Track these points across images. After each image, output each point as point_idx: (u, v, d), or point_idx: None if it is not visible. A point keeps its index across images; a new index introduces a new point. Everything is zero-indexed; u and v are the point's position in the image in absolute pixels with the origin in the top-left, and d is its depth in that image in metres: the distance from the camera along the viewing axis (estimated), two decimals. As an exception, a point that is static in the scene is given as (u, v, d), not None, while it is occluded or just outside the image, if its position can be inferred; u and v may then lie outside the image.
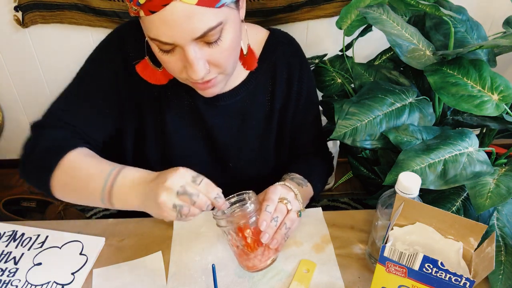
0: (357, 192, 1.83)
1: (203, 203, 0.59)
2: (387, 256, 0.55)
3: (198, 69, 0.60)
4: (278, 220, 0.66)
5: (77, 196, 0.68)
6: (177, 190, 0.58)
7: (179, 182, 0.58)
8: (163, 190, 0.58)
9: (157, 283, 0.69)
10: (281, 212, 0.67)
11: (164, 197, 0.57)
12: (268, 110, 0.83)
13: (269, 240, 0.65)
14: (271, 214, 0.65)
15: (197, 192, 0.59)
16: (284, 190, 0.71)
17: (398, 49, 0.86)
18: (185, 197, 0.58)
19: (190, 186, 0.59)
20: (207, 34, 0.58)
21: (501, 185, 0.72)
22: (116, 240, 0.77)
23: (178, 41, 0.58)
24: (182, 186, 0.58)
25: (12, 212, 1.60)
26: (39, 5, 1.39)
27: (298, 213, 0.70)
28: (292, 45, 0.84)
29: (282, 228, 0.66)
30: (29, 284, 0.69)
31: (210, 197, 0.60)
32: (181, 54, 0.60)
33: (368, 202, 1.07)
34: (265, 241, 0.64)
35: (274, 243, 0.65)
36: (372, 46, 1.36)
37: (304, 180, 0.81)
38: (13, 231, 0.78)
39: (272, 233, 0.65)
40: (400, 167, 0.75)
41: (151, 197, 0.59)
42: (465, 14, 0.94)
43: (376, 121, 0.83)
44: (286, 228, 0.67)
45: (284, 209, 0.68)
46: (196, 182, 0.60)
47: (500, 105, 0.76)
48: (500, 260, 0.70)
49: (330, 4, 1.40)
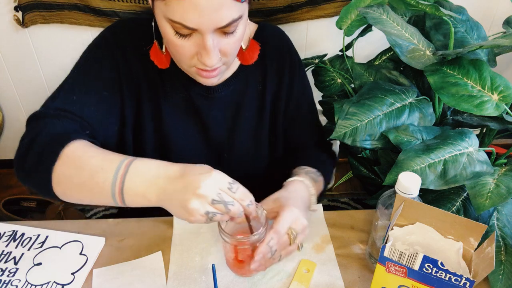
0: (357, 192, 1.83)
1: (237, 211, 0.57)
2: (387, 256, 0.55)
3: (214, 56, 0.63)
4: (275, 253, 0.64)
5: (83, 192, 0.61)
6: (213, 198, 0.55)
7: (215, 189, 0.55)
8: (196, 197, 0.54)
9: (157, 283, 0.69)
10: (282, 246, 0.65)
11: (197, 205, 0.54)
12: (260, 101, 0.84)
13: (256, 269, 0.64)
14: (271, 248, 0.63)
15: (233, 201, 0.56)
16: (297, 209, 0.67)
17: (398, 49, 0.86)
18: (220, 206, 0.55)
19: (226, 195, 0.56)
20: (229, 25, 0.61)
21: (501, 185, 0.72)
22: (116, 240, 0.77)
23: (202, 28, 0.59)
24: (219, 195, 0.55)
25: (12, 212, 1.60)
26: (39, 5, 1.39)
27: (299, 246, 0.67)
28: (282, 37, 0.85)
29: (275, 258, 0.65)
30: (29, 284, 0.69)
31: (244, 205, 0.58)
32: (197, 40, 0.62)
33: (368, 202, 1.07)
34: (253, 268, 0.63)
35: (261, 268, 0.65)
36: (372, 46, 1.36)
37: (317, 174, 0.80)
38: (13, 231, 0.78)
39: (263, 263, 0.64)
40: (400, 167, 0.75)
41: (177, 200, 0.56)
42: (465, 14, 0.94)
43: (376, 121, 0.83)
44: (280, 258, 0.66)
45: (286, 243, 0.65)
46: (232, 189, 0.57)
47: (500, 105, 0.76)
48: (500, 260, 0.70)
49: (330, 4, 1.40)
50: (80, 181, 0.60)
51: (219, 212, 0.56)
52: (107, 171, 0.58)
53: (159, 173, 0.58)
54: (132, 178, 0.58)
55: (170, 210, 0.58)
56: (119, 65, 0.74)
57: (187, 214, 0.55)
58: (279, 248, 0.64)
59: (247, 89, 0.82)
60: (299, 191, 0.71)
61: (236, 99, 0.82)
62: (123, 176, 0.58)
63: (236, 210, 0.57)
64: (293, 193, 0.71)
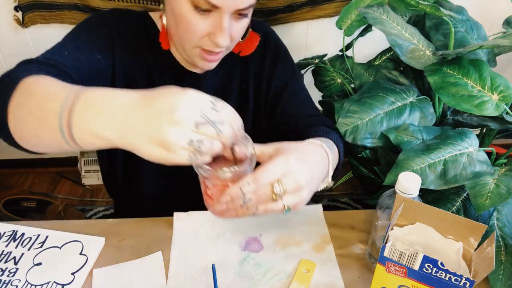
0: (357, 192, 1.84)
1: (230, 134, 0.46)
2: (387, 256, 0.55)
3: (227, 37, 0.65)
4: (249, 203, 0.50)
5: (31, 124, 0.50)
6: (196, 120, 0.43)
7: (195, 110, 0.43)
8: (173, 124, 0.42)
9: (157, 283, 0.69)
10: (261, 198, 0.50)
11: (176, 135, 0.42)
12: (244, 84, 0.85)
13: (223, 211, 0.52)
14: (245, 195, 0.49)
15: (222, 120, 0.45)
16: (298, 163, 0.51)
17: (398, 49, 0.86)
18: (208, 128, 0.44)
19: (211, 113, 0.44)
20: (247, 9, 0.64)
21: (501, 185, 0.72)
22: (116, 240, 0.77)
23: (225, 6, 0.61)
24: (202, 114, 0.43)
25: (12, 212, 1.60)
26: (39, 5, 1.39)
27: (285, 207, 0.52)
28: (264, 26, 0.88)
29: (249, 210, 0.51)
30: (29, 284, 0.69)
31: (235, 128, 0.47)
32: (213, 20, 0.64)
33: (368, 202, 1.07)
34: (217, 210, 0.52)
35: (230, 214, 0.52)
36: (372, 46, 1.36)
37: (331, 143, 0.66)
38: (13, 231, 0.78)
39: (232, 208, 0.51)
40: (400, 167, 0.75)
41: (146, 134, 0.43)
42: (465, 14, 0.94)
43: (377, 120, 0.83)
44: (256, 211, 0.52)
45: (267, 197, 0.50)
46: (217, 108, 0.45)
47: (500, 105, 0.76)
48: (500, 260, 0.70)
49: (330, 4, 1.40)
50: (29, 109, 0.50)
51: (207, 138, 0.44)
52: (57, 99, 0.48)
53: (114, 100, 0.46)
54: (83, 109, 0.46)
55: (137, 150, 0.45)
56: (114, 37, 0.75)
57: (163, 150, 0.44)
58: (257, 200, 0.50)
59: (232, 75, 0.84)
60: (313, 151, 0.57)
61: (223, 86, 0.84)
62: (72, 105, 0.46)
63: (228, 133, 0.46)
64: (304, 149, 0.57)
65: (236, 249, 0.74)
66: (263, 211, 0.52)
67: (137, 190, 0.89)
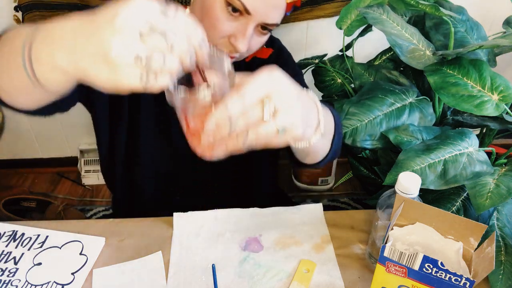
0: (357, 192, 1.84)
1: (185, 47, 0.39)
2: (387, 256, 0.55)
3: (247, 43, 0.66)
4: (237, 126, 0.43)
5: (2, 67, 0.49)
6: (140, 28, 0.36)
7: (139, 15, 0.37)
8: (112, 34, 0.36)
9: (157, 283, 0.69)
10: (251, 119, 0.43)
11: (118, 45, 0.36)
12: None
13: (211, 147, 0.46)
14: (231, 115, 0.42)
15: (173, 28, 0.38)
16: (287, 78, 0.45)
17: (398, 49, 0.86)
18: (156, 38, 0.37)
19: (160, 19, 0.38)
20: (272, 25, 0.65)
21: (501, 185, 0.72)
22: (116, 240, 0.77)
23: (256, 14, 0.62)
24: (147, 20, 0.37)
25: (12, 212, 1.60)
26: (39, 5, 1.39)
27: (277, 129, 0.44)
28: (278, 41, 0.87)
29: (239, 136, 0.44)
30: (29, 284, 0.69)
31: (194, 41, 0.40)
32: (240, 24, 0.64)
33: (368, 202, 1.07)
34: (204, 143, 0.45)
35: (221, 149, 0.46)
36: (372, 46, 1.36)
37: (324, 106, 0.61)
38: (13, 231, 0.78)
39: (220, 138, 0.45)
40: (400, 167, 0.75)
41: (91, 50, 0.38)
42: (465, 14, 0.94)
43: (376, 121, 0.83)
44: (247, 138, 0.44)
45: (256, 117, 0.43)
46: (168, 14, 0.38)
47: (500, 105, 0.76)
48: (500, 260, 0.70)
49: (330, 4, 1.40)
50: (2, 53, 0.49)
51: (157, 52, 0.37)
52: (21, 36, 0.46)
53: (67, 24, 0.41)
54: (41, 40, 0.44)
55: (88, 75, 0.40)
56: None
57: (110, 71, 0.38)
58: (245, 121, 0.43)
59: None
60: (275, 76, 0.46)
61: None
62: (33, 38, 0.44)
63: (183, 44, 0.38)
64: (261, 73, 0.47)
65: (236, 249, 0.74)
66: (255, 138, 0.45)
67: (137, 190, 0.89)
